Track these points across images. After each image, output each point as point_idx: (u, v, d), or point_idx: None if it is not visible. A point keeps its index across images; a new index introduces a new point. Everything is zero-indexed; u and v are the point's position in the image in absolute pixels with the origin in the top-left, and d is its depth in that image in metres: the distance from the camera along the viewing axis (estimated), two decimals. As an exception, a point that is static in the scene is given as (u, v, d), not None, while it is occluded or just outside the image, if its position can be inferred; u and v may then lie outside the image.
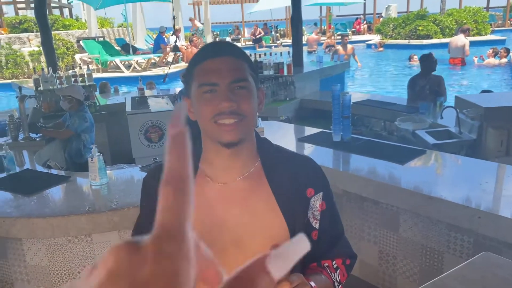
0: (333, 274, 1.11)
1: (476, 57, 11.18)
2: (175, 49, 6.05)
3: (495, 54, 11.00)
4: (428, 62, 5.06)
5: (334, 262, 1.12)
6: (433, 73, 5.03)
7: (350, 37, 21.91)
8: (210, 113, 0.97)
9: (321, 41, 18.32)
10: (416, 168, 2.65)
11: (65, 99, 4.07)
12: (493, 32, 19.25)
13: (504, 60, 10.77)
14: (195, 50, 13.69)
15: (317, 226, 1.10)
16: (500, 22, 23.42)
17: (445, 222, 2.29)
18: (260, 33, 20.14)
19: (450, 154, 2.88)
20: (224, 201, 1.05)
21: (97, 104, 5.42)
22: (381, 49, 16.33)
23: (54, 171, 3.07)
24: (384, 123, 4.90)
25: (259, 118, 3.64)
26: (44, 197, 2.47)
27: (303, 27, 11.30)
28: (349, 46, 11.81)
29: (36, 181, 2.71)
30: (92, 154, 2.56)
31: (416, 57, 12.13)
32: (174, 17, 5.87)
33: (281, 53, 6.16)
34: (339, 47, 11.80)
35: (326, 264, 1.12)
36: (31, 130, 3.88)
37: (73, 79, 5.39)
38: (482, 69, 10.92)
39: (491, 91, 5.01)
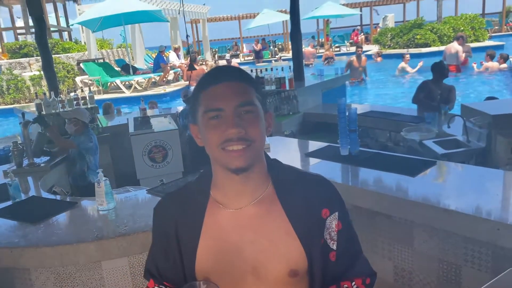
0: None
1: (475, 63, 11.21)
2: (191, 67, 6.12)
3: (492, 58, 11.01)
4: (440, 69, 4.97)
5: (353, 283, 1.08)
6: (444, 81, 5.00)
7: (360, 50, 22.10)
8: (218, 140, 0.95)
9: (319, 54, 18.43)
10: (428, 180, 2.60)
11: (71, 122, 4.05)
12: (490, 38, 19.37)
13: (504, 65, 10.79)
14: (197, 68, 13.77)
15: (334, 247, 1.07)
16: (496, 27, 23.59)
17: (461, 235, 2.23)
18: (260, 47, 20.31)
19: (462, 164, 2.84)
20: (238, 228, 1.02)
21: (100, 126, 5.42)
22: (379, 59, 16.39)
23: (60, 197, 3.03)
24: (389, 134, 4.87)
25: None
26: (51, 225, 2.42)
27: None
28: (363, 57, 11.40)
29: (43, 209, 2.68)
30: (99, 178, 2.52)
31: (408, 56, 12.16)
32: (187, 36, 5.96)
33: (282, 67, 6.16)
34: (353, 58, 11.15)
35: (346, 286, 1.07)
36: (36, 155, 3.86)
37: (75, 102, 5.40)
38: (482, 76, 10.93)
39: (496, 98, 4.98)
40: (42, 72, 12.05)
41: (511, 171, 2.55)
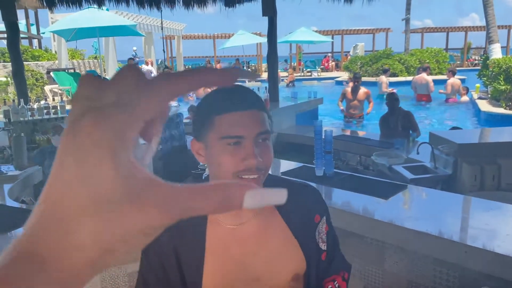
0: None
1: (441, 91, 11.62)
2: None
3: (454, 74, 11.33)
4: (392, 100, 5.34)
5: (336, 283, 1.13)
6: (400, 108, 5.29)
7: (319, 74, 22.66)
8: (235, 168, 0.94)
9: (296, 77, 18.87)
10: (399, 202, 2.70)
11: (56, 131, 3.92)
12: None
13: (466, 98, 11.35)
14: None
15: (325, 248, 1.13)
16: (458, 62, 24.87)
17: (431, 257, 2.32)
18: (220, 67, 20.56)
19: (431, 189, 2.96)
20: (241, 242, 1.04)
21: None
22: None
23: (32, 207, 2.92)
24: (360, 158, 5.01)
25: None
26: (14, 238, 2.33)
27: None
28: (363, 90, 8.61)
29: (9, 218, 2.57)
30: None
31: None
32: (164, 50, 5.93)
33: (258, 88, 6.26)
34: (348, 89, 8.88)
35: (330, 287, 1.13)
36: (21, 158, 3.73)
37: (45, 110, 5.27)
38: (447, 106, 11.46)
39: (460, 128, 5.24)
40: (8, 79, 11.70)
41: (477, 197, 2.68)
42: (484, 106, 10.05)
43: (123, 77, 0.26)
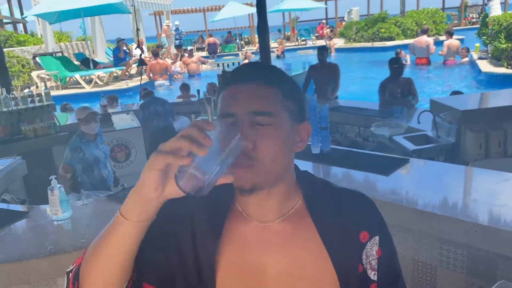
0: None
1: (441, 52, 11.29)
2: (141, 62, 5.78)
3: (451, 35, 11.01)
4: (396, 66, 5.07)
5: None
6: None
7: (314, 42, 22.19)
8: None
9: (287, 47, 18.49)
10: (402, 178, 2.54)
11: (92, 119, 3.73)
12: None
13: (466, 59, 11.06)
14: (160, 61, 13.40)
15: (375, 278, 0.92)
16: (456, 21, 24.30)
17: (437, 236, 2.18)
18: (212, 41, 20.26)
19: (435, 162, 2.80)
20: (263, 244, 0.88)
21: (58, 124, 5.09)
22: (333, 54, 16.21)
23: (11, 207, 2.77)
24: (358, 129, 4.83)
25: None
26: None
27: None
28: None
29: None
30: (52, 186, 2.30)
31: (403, 52, 11.89)
32: (137, 29, 5.63)
33: (249, 62, 6.02)
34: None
35: None
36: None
37: (29, 99, 5.06)
38: (446, 69, 11.19)
39: (461, 93, 5.04)
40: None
41: (483, 167, 2.52)
42: (485, 66, 9.78)
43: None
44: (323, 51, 6.26)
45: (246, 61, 10.70)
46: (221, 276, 0.88)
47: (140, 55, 7.75)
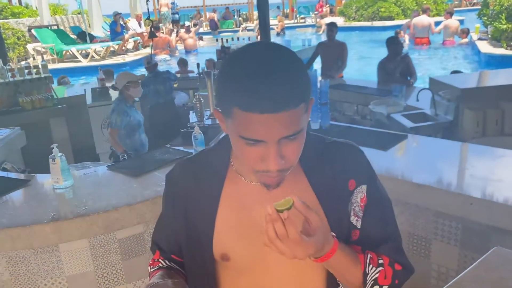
0: (370, 266, 0.92)
1: (436, 30, 11.18)
2: (151, 34, 5.68)
3: (451, 15, 10.95)
4: (394, 45, 5.07)
5: (379, 258, 0.94)
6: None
7: (313, 20, 21.92)
8: (253, 166, 0.83)
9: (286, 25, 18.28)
10: (399, 153, 2.57)
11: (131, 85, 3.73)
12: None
13: (466, 40, 11.01)
14: (163, 36, 13.23)
15: (358, 225, 0.94)
16: (456, 2, 24.01)
17: (433, 210, 2.22)
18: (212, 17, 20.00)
19: (433, 138, 2.83)
20: (260, 201, 0.91)
21: (55, 97, 5.07)
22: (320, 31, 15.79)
23: (11, 175, 2.79)
24: (357, 107, 4.84)
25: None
26: (1, 205, 2.21)
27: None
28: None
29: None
30: (54, 154, 2.31)
31: (403, 33, 11.77)
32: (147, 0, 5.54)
33: (249, 38, 5.97)
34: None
35: (370, 256, 0.93)
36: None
37: (26, 71, 5.02)
38: (447, 49, 11.14)
39: (461, 72, 5.04)
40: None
41: (480, 144, 2.55)
42: (484, 47, 9.74)
43: None
44: (332, 27, 6.01)
45: (259, 38, 10.15)
46: (219, 231, 0.95)
47: (151, 27, 7.65)
